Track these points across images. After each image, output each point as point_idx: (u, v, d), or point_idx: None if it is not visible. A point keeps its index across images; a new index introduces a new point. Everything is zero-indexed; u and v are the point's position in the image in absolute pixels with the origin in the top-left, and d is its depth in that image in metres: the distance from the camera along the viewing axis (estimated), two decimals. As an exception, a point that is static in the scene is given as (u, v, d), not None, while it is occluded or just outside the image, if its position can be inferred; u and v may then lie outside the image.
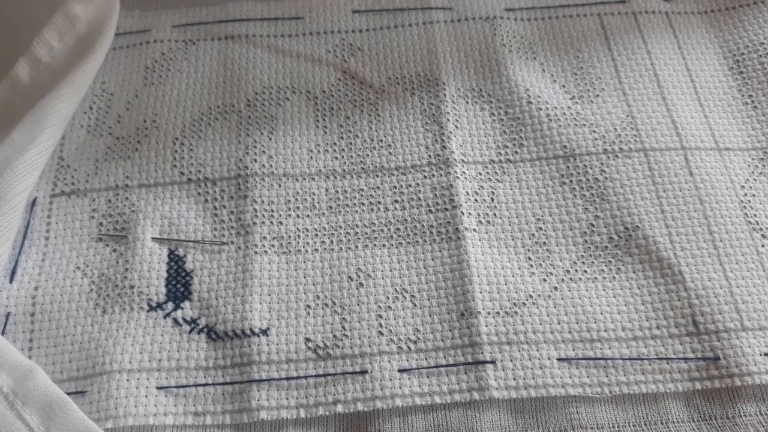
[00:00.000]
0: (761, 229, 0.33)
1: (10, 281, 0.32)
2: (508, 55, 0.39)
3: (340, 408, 0.29)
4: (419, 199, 0.34)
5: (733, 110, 0.37)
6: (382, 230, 0.33)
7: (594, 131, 0.36)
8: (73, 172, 0.35)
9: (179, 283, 0.32)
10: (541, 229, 0.34)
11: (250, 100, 0.37)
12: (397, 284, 0.32)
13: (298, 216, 0.34)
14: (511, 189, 0.35)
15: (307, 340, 0.31)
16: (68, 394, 0.28)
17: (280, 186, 0.35)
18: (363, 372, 0.30)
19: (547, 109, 0.37)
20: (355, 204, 0.34)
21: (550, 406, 0.30)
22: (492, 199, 0.34)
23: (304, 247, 0.33)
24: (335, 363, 0.30)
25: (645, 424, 0.29)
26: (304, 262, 0.33)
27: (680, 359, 0.30)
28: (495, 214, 0.34)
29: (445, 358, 0.30)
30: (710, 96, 0.37)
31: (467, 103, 0.37)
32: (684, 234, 0.33)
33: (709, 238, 0.33)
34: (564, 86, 0.38)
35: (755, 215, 0.33)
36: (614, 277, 0.32)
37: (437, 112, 0.37)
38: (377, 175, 0.35)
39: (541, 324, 0.31)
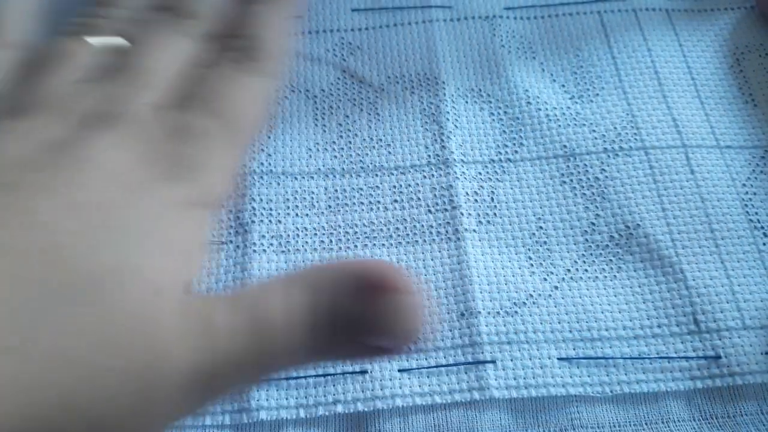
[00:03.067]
0: (762, 228, 0.33)
1: None
2: (507, 54, 0.39)
3: (340, 408, 0.29)
4: (419, 199, 0.34)
5: (733, 109, 0.37)
6: (381, 230, 0.33)
7: (594, 130, 0.36)
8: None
9: (178, 283, 0.32)
10: (541, 228, 0.33)
11: (249, 99, 0.37)
12: (397, 284, 0.32)
13: (297, 215, 0.34)
14: (511, 188, 0.35)
15: (307, 339, 0.30)
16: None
17: (278, 184, 0.34)
18: (363, 372, 0.30)
19: (547, 108, 0.37)
20: (354, 203, 0.34)
21: (550, 405, 0.29)
22: (492, 199, 0.34)
23: (303, 246, 0.33)
24: (335, 362, 0.30)
25: (646, 424, 0.29)
26: (303, 261, 0.33)
27: (681, 358, 0.30)
28: (495, 214, 0.34)
29: (445, 357, 0.30)
30: (711, 94, 0.37)
31: (467, 102, 0.37)
32: (685, 232, 0.33)
33: (711, 237, 0.33)
34: (564, 86, 0.38)
35: (756, 213, 0.33)
36: (615, 276, 0.32)
37: (437, 112, 0.37)
38: (376, 175, 0.35)
39: (541, 323, 0.31)
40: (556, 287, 0.32)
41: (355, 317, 0.22)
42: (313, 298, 0.22)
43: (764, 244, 0.33)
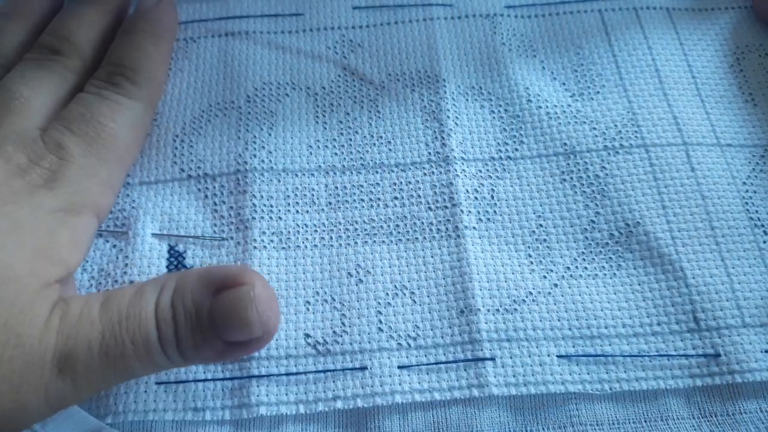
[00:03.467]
0: (763, 226, 0.33)
1: None
2: (507, 53, 0.39)
3: (339, 404, 0.29)
4: (419, 196, 0.34)
5: (733, 107, 0.37)
6: (381, 227, 0.33)
7: (594, 128, 0.36)
8: (74, 169, 0.35)
9: (179, 279, 0.32)
10: (541, 226, 0.33)
11: (250, 96, 0.37)
12: (397, 281, 0.32)
13: (297, 212, 0.34)
14: (512, 186, 0.35)
15: (307, 335, 0.31)
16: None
17: (279, 181, 0.35)
18: (362, 368, 0.30)
19: (547, 107, 0.37)
20: (354, 200, 0.34)
21: (549, 403, 0.30)
22: (492, 197, 0.34)
23: (303, 242, 0.33)
24: (335, 359, 0.30)
25: (645, 421, 0.29)
26: (303, 257, 0.33)
27: (681, 356, 0.30)
28: (495, 212, 0.34)
29: (444, 354, 0.30)
30: (711, 93, 0.37)
31: (467, 100, 0.37)
32: (686, 230, 0.33)
33: (711, 234, 0.33)
34: (564, 84, 0.38)
35: (757, 211, 0.33)
36: (615, 274, 0.32)
37: (437, 109, 0.37)
38: (377, 172, 0.35)
39: (541, 321, 0.31)
40: (556, 285, 0.32)
41: (203, 315, 0.25)
42: (158, 298, 0.25)
43: (764, 242, 0.33)
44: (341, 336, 0.31)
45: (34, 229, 0.25)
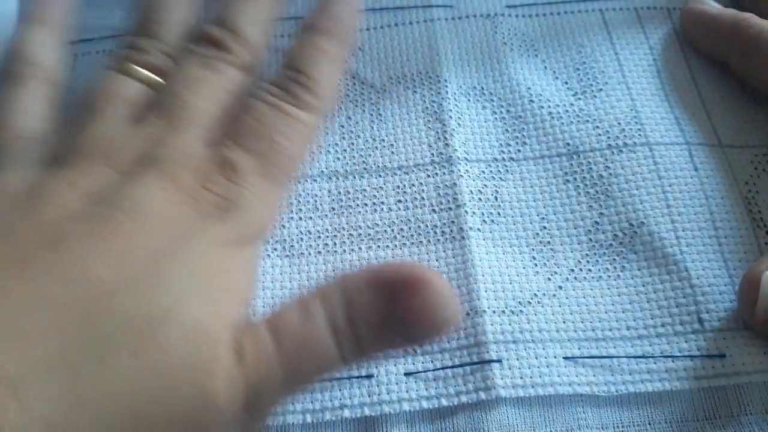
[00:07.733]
0: (765, 226, 0.33)
1: None
2: (509, 53, 0.38)
3: (346, 413, 0.29)
4: (422, 198, 0.34)
5: (734, 107, 0.37)
6: (385, 231, 0.33)
7: (597, 126, 0.36)
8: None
9: (183, 288, 0.32)
10: (545, 227, 0.33)
11: (251, 101, 0.37)
12: (402, 285, 0.32)
13: (300, 218, 0.34)
14: (515, 187, 0.35)
15: (313, 343, 0.30)
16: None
17: (282, 189, 0.34)
18: (369, 376, 0.30)
19: (549, 106, 0.36)
20: (357, 205, 0.34)
21: (557, 405, 0.30)
22: (496, 198, 0.34)
23: (306, 249, 0.33)
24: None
25: (649, 424, 0.29)
26: (308, 264, 0.32)
27: (686, 357, 0.30)
28: (499, 213, 0.34)
29: (451, 359, 0.30)
30: (711, 94, 0.37)
31: (469, 101, 0.37)
32: (689, 230, 0.33)
33: (714, 235, 0.33)
34: (566, 83, 0.37)
35: (759, 212, 0.33)
36: (619, 275, 0.32)
37: (439, 110, 0.36)
38: (380, 175, 0.35)
39: (546, 323, 0.31)
40: (560, 287, 0.32)
41: (387, 322, 0.22)
42: (329, 311, 0.22)
43: (766, 243, 0.33)
44: (347, 343, 0.30)
45: (211, 270, 0.22)
